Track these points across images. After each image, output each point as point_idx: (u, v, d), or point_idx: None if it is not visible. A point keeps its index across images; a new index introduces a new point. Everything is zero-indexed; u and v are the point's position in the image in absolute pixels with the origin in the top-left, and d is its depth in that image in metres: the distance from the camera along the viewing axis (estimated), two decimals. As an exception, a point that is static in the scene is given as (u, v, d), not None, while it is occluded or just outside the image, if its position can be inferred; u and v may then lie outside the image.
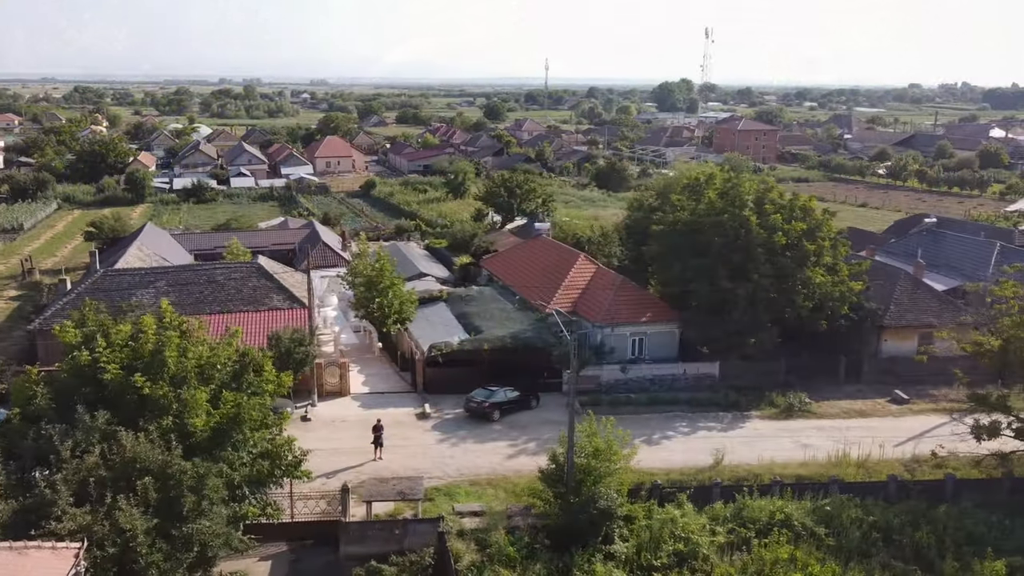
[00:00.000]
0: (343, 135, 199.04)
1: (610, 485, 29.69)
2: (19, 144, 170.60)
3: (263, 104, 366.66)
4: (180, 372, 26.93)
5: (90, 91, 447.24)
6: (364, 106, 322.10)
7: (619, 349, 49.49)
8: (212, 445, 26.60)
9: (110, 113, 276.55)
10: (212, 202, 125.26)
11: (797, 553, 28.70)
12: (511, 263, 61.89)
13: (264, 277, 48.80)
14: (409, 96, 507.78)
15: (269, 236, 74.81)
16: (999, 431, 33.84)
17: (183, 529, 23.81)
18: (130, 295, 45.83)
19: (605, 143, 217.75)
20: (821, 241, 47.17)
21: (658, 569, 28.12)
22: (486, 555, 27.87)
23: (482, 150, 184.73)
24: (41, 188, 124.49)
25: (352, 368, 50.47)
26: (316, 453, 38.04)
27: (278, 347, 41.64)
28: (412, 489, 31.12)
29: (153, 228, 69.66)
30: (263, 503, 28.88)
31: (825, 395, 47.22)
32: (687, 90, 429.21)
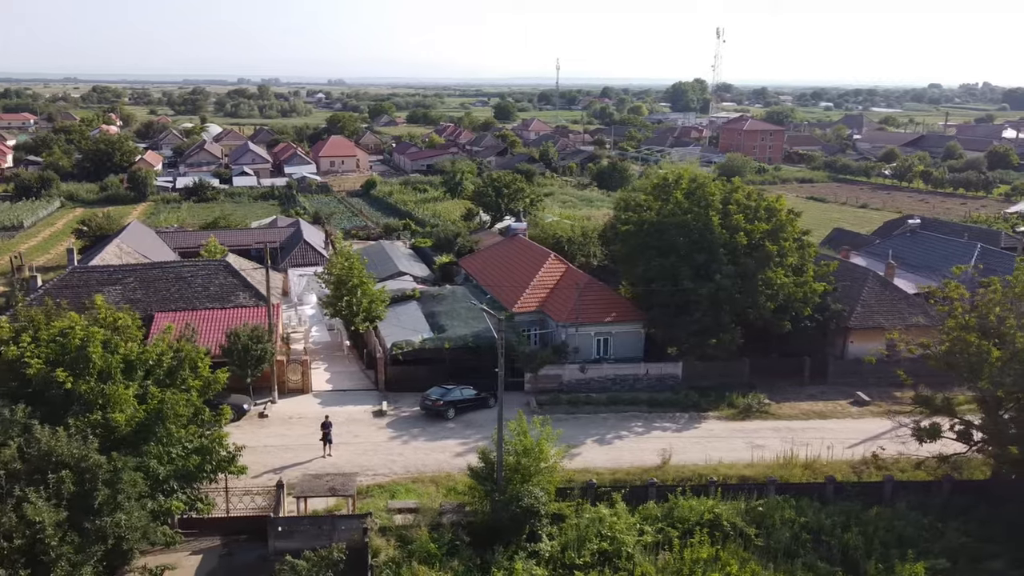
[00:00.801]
0: (349, 135, 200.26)
1: (539, 484, 29.85)
2: (28, 143, 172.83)
3: (276, 104, 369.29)
4: (106, 368, 27.37)
5: (108, 91, 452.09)
6: (375, 106, 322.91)
7: (584, 349, 49.61)
8: (137, 440, 27.03)
9: (124, 112, 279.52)
10: (213, 201, 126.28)
11: (721, 553, 28.73)
12: (486, 263, 62.12)
13: (231, 275, 49.34)
14: (423, 96, 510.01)
15: (254, 235, 75.50)
16: (939, 433, 33.62)
17: (96, 522, 24.24)
18: (97, 292, 46.43)
19: (612, 143, 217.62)
20: (783, 242, 47.00)
21: (580, 567, 28.24)
22: (407, 551, 28.11)
23: (486, 150, 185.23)
24: (45, 186, 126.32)
25: (319, 366, 51.05)
26: (267, 450, 38.88)
27: (236, 344, 42.17)
28: (344, 485, 31.41)
29: (138, 226, 70.57)
30: (194, 498, 29.34)
31: (787, 396, 47.14)
32: (701, 90, 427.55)
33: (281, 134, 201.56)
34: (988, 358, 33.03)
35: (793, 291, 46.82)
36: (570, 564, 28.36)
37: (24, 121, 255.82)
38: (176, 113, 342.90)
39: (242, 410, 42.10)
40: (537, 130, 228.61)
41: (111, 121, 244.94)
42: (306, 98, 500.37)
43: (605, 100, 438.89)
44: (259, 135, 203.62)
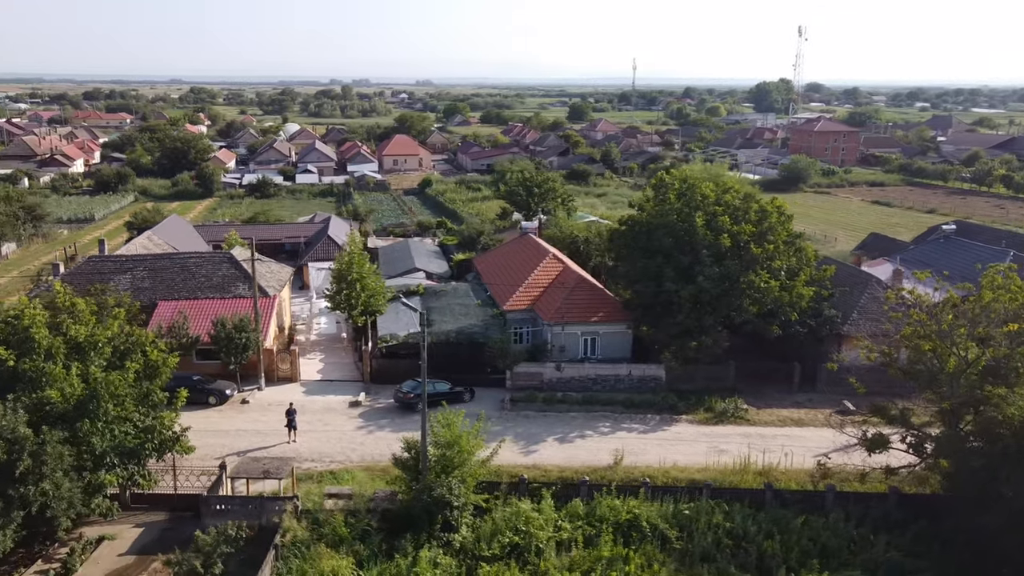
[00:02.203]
0: (417, 134, 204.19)
1: (459, 476, 30.42)
2: (115, 141, 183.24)
3: (358, 104, 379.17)
4: (50, 348, 29.45)
5: (205, 92, 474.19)
6: (449, 106, 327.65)
7: (570, 348, 49.75)
8: (75, 416, 28.95)
9: (212, 112, 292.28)
10: (274, 197, 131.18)
11: (631, 554, 28.68)
12: (494, 261, 62.84)
13: (234, 267, 51.64)
14: (504, 96, 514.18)
15: (285, 230, 78.41)
16: (887, 444, 32.49)
17: (20, 490, 26.22)
18: (108, 279, 49.53)
19: (680, 144, 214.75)
20: (768, 245, 45.96)
21: (488, 559, 28.70)
22: (318, 533, 29.20)
23: (548, 150, 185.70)
24: (122, 182, 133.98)
25: (315, 356, 52.89)
26: (239, 433, 40.75)
27: (221, 332, 44.28)
28: (278, 469, 32.74)
29: (175, 219, 74.38)
30: (134, 474, 31.22)
31: (772, 402, 46.20)
32: (786, 90, 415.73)
33: (352, 133, 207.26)
34: (944, 367, 31.85)
35: (780, 295, 45.73)
36: (479, 555, 28.82)
37: (121, 121, 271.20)
38: (264, 113, 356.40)
39: (225, 395, 44.15)
40: (605, 130, 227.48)
41: (199, 120, 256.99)
42: (390, 98, 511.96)
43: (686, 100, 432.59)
44: (330, 134, 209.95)
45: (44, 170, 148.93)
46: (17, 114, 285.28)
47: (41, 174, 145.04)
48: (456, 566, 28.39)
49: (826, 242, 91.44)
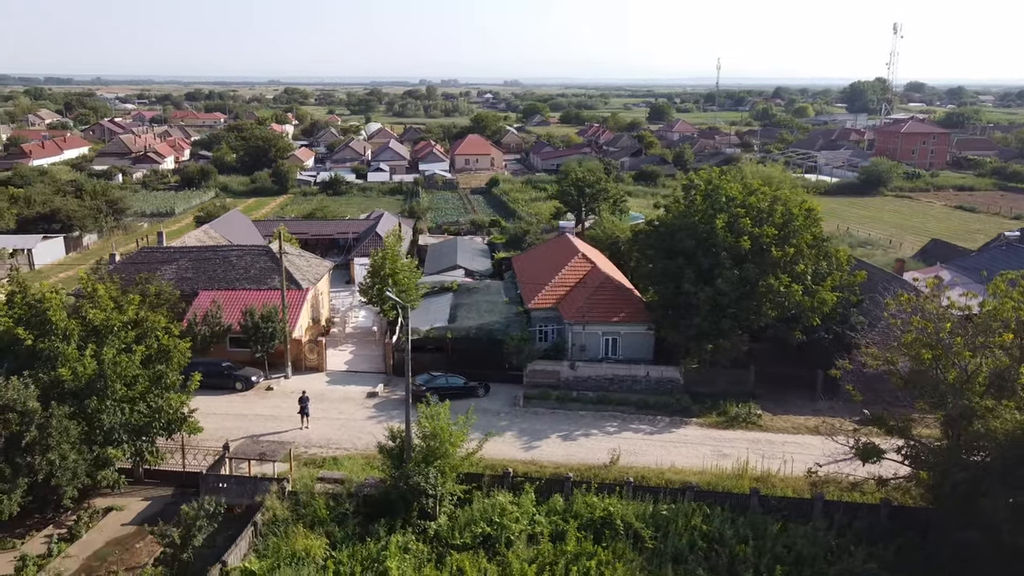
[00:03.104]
0: (491, 134, 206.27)
1: (440, 466, 31.25)
2: (204, 139, 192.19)
3: (441, 104, 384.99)
4: (67, 330, 31.82)
5: (298, 92, 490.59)
6: (529, 106, 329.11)
7: (591, 347, 49.92)
8: (84, 393, 31.19)
9: (300, 112, 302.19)
10: (345, 194, 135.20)
11: (599, 550, 28.92)
12: (529, 259, 63.43)
13: (271, 260, 53.97)
14: (588, 96, 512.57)
15: (338, 226, 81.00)
16: (880, 454, 31.53)
17: (27, 459, 28.54)
18: (156, 269, 52.66)
19: (759, 145, 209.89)
20: (789, 248, 44.94)
21: (458, 548, 29.45)
22: (298, 514, 30.56)
23: (621, 150, 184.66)
24: (205, 178, 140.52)
25: (346, 348, 54.74)
26: (256, 418, 42.80)
27: (248, 322, 46.48)
28: (273, 452, 34.34)
29: (236, 214, 77.94)
30: (143, 450, 33.41)
31: (791, 409, 45.26)
32: (881, 90, 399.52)
33: (428, 132, 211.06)
34: (945, 377, 30.76)
35: (802, 300, 44.71)
36: (451, 543, 29.61)
37: (215, 120, 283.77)
38: (351, 113, 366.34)
39: (250, 382, 46.31)
40: (682, 131, 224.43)
41: (286, 120, 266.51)
42: (474, 99, 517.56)
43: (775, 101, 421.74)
44: (407, 133, 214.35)
45: (137, 166, 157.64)
46: (123, 114, 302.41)
47: (134, 170, 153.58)
48: (428, 552, 29.22)
49: (890, 248, 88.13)
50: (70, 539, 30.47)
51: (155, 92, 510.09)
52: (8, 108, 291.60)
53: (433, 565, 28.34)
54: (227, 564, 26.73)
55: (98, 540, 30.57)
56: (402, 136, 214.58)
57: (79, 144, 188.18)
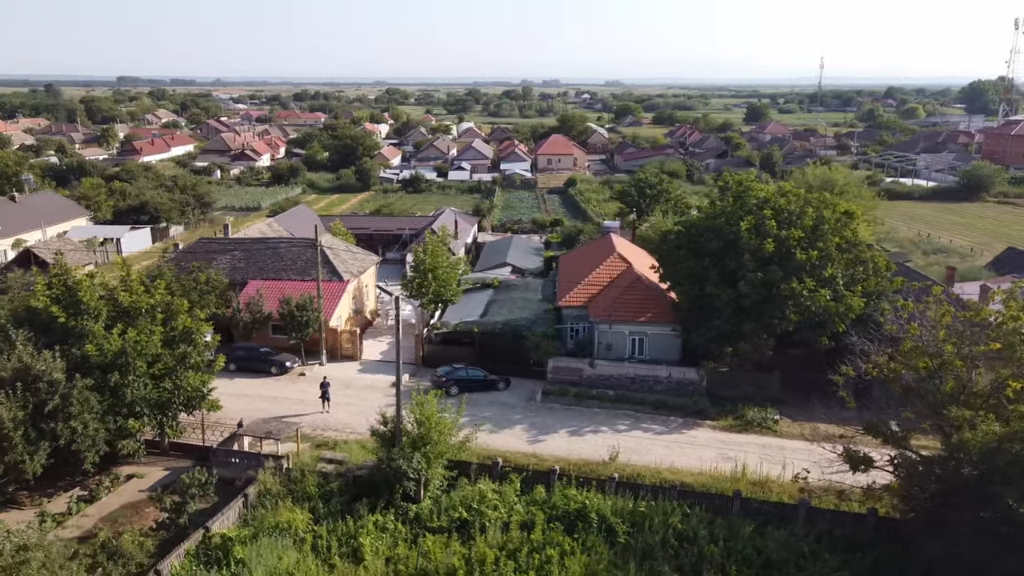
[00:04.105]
0: (577, 134, 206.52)
1: (427, 453, 32.49)
2: (299, 138, 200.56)
3: (536, 104, 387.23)
4: (96, 310, 34.80)
5: (399, 92, 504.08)
6: (621, 106, 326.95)
7: (617, 347, 50.14)
8: (109, 368, 34.02)
9: (395, 112, 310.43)
10: (425, 192, 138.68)
11: (566, 540, 29.50)
12: (573, 259, 63.90)
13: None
14: (688, 97, 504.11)
15: (399, 222, 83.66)
16: (870, 463, 30.75)
17: (50, 425, 31.51)
18: (211, 258, 56.20)
19: (856, 148, 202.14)
20: (812, 252, 43.87)
21: (434, 530, 30.64)
22: (288, 489, 32.43)
23: (706, 152, 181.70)
24: (293, 175, 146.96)
25: (384, 339, 56.81)
26: (283, 400, 45.34)
27: (285, 310, 49.07)
28: (279, 431, 36.44)
29: (303, 208, 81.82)
30: (165, 424, 36.17)
31: (814, 417, 43.98)
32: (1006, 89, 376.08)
33: (515, 132, 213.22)
34: (943, 387, 29.82)
35: (828, 305, 43.64)
36: (428, 526, 30.83)
37: (316, 120, 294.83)
38: (448, 113, 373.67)
39: (284, 367, 48.89)
40: (774, 132, 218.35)
41: (382, 120, 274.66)
42: (572, 99, 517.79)
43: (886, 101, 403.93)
44: (494, 133, 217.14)
45: (235, 163, 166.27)
46: (233, 114, 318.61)
47: (232, 167, 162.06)
48: (406, 532, 30.52)
49: (969, 256, 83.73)
50: (90, 500, 33.37)
51: (267, 93, 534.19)
52: (131, 108, 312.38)
53: (407, 545, 29.57)
54: (210, 529, 28.79)
55: (115, 503, 33.35)
56: (489, 136, 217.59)
57: (186, 142, 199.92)
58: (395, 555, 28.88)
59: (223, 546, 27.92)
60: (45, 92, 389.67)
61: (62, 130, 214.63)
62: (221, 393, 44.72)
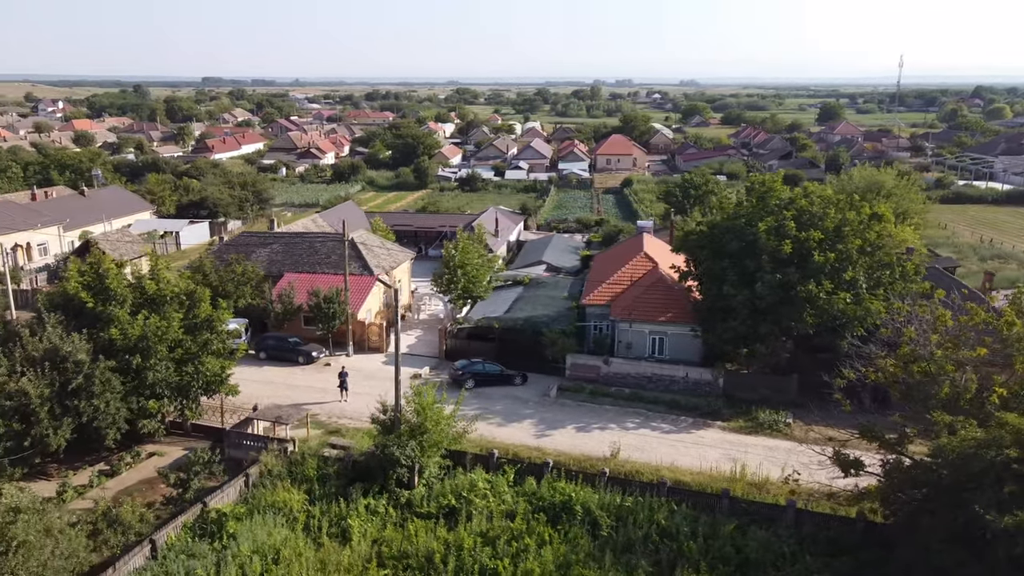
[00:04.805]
0: (640, 135, 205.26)
1: (422, 441, 33.54)
2: (363, 136, 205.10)
3: (604, 104, 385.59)
4: (122, 296, 37.05)
5: (468, 92, 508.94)
6: (689, 106, 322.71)
7: (637, 346, 50.29)
8: (131, 351, 36.18)
9: (462, 112, 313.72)
10: (480, 191, 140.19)
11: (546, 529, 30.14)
12: (605, 258, 64.18)
13: (350, 247, 58.34)
14: (761, 97, 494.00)
15: (443, 219, 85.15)
16: (861, 467, 30.35)
17: (74, 402, 33.78)
18: (251, 251, 58.66)
19: (931, 149, 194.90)
20: (829, 254, 43.16)
21: (422, 516, 31.66)
22: (288, 470, 33.92)
23: (770, 152, 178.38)
24: (354, 173, 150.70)
25: (414, 333, 58.25)
26: (305, 389, 47.20)
27: (312, 302, 50.92)
28: (288, 416, 38.06)
29: (350, 204, 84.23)
30: (185, 406, 38.25)
31: (831, 420, 43.12)
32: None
33: (577, 132, 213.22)
34: (938, 392, 29.31)
35: (847, 308, 42.92)
36: (416, 511, 31.90)
37: (384, 119, 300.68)
38: (516, 112, 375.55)
39: (311, 357, 50.74)
40: (844, 133, 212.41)
41: (448, 119, 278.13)
42: (643, 99, 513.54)
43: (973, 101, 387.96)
44: (556, 133, 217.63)
45: (300, 161, 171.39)
46: (305, 113, 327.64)
47: (297, 164, 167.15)
48: (396, 517, 31.64)
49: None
50: (111, 475, 35.59)
51: (341, 93, 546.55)
52: (210, 108, 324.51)
53: (395, 528, 30.66)
54: (207, 505, 30.47)
55: (133, 478, 35.49)
56: (551, 135, 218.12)
57: (256, 140, 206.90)
58: (382, 537, 29.98)
59: (218, 521, 29.54)
60: (133, 92, 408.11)
61: (142, 128, 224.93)
62: (250, 380, 47.11)
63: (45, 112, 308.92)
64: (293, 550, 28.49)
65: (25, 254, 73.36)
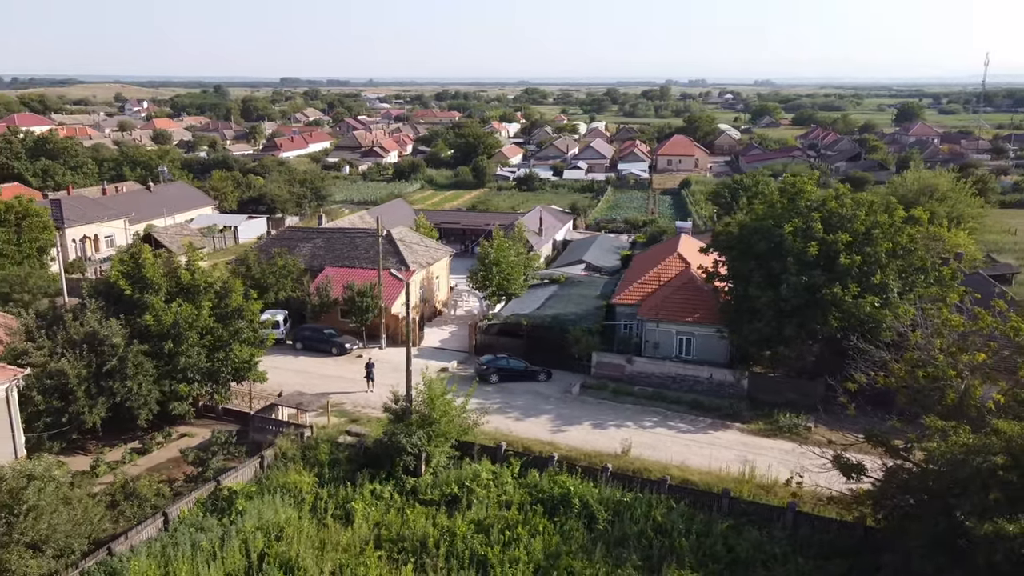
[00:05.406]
0: (703, 135, 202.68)
1: (430, 431, 34.56)
2: (426, 136, 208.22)
3: (673, 104, 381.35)
4: (157, 285, 39.22)
5: (537, 92, 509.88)
6: (759, 107, 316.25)
7: (664, 346, 50.33)
8: (164, 336, 38.30)
9: (528, 111, 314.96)
10: (538, 190, 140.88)
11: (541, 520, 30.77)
12: (642, 258, 64.21)
13: (389, 243, 59.95)
14: (839, 98, 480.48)
15: (489, 217, 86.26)
16: (863, 471, 29.93)
17: (108, 383, 36.01)
18: (295, 246, 60.87)
19: (1015, 152, 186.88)
20: (856, 257, 42.39)
21: (425, 502, 32.68)
22: (302, 454, 35.38)
23: (838, 154, 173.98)
24: (414, 171, 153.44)
25: (448, 328, 59.45)
26: (336, 379, 48.95)
27: (346, 295, 52.62)
28: (309, 403, 39.62)
29: (399, 202, 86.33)
30: (214, 391, 40.24)
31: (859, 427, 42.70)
32: None
33: (640, 133, 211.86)
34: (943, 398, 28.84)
35: (873, 312, 42.13)
36: (420, 498, 32.94)
37: (451, 119, 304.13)
38: (583, 112, 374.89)
39: (344, 348, 52.43)
40: (920, 134, 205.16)
41: (514, 119, 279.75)
42: (714, 99, 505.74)
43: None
44: (619, 133, 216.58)
45: (364, 159, 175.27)
46: (375, 112, 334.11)
47: (361, 163, 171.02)
48: (400, 502, 32.73)
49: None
50: (143, 453, 37.76)
51: (412, 93, 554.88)
52: (284, 107, 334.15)
53: (397, 514, 31.75)
54: (221, 483, 32.14)
55: (162, 457, 37.59)
56: (613, 136, 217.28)
57: (323, 139, 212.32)
58: (383, 521, 31.07)
59: (228, 498, 31.13)
60: (214, 92, 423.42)
61: (217, 127, 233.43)
62: (284, 368, 49.13)
63: (130, 112, 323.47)
64: (296, 528, 29.82)
65: (93, 245, 77.57)
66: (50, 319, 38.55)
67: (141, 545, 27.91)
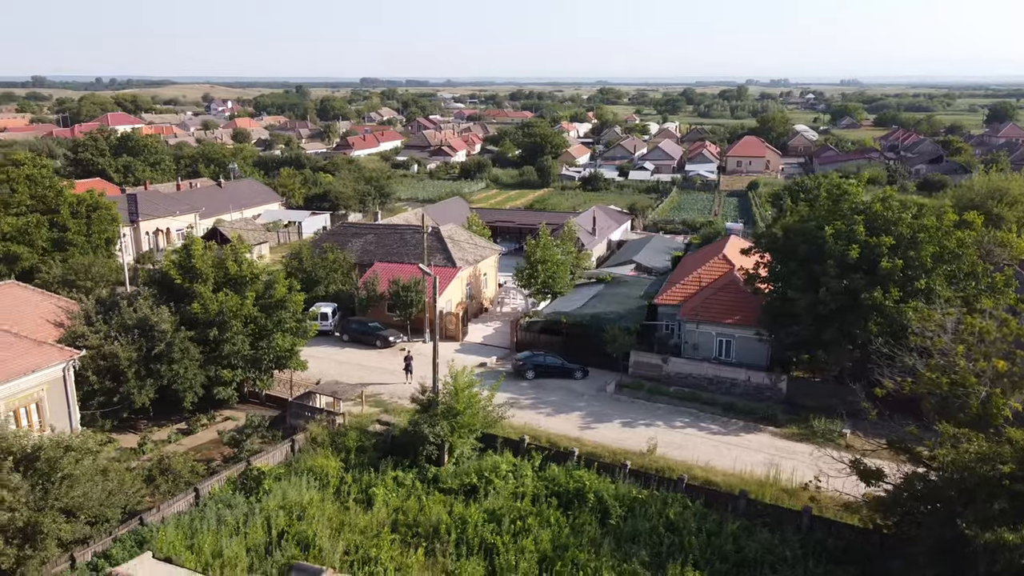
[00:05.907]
0: (777, 136, 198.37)
1: (454, 423, 35.49)
2: (494, 135, 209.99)
3: (750, 105, 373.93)
4: (205, 275, 41.32)
5: (612, 92, 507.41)
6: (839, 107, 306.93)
7: (704, 347, 50.05)
8: (210, 324, 40.34)
9: (600, 111, 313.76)
10: (602, 190, 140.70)
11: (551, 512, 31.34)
12: (690, 259, 63.78)
13: (437, 240, 61.22)
14: (929, 98, 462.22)
15: (543, 216, 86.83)
16: (881, 477, 29.43)
17: (156, 366, 38.22)
18: (347, 241, 62.81)
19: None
20: (897, 261, 41.33)
21: (444, 491, 33.62)
22: (331, 440, 36.76)
23: (918, 156, 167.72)
24: (480, 170, 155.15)
25: (492, 324, 60.38)
26: (376, 370, 50.47)
27: (391, 290, 54.09)
28: (344, 393, 41.05)
29: (456, 200, 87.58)
30: (256, 378, 42.14)
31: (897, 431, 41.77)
32: None
33: (710, 133, 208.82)
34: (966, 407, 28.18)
35: (915, 317, 40.98)
36: (440, 487, 33.91)
37: (523, 119, 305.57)
38: (656, 112, 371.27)
39: (388, 341, 53.93)
40: (1010, 136, 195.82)
41: (585, 119, 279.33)
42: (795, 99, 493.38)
43: None
44: (689, 134, 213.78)
45: (432, 158, 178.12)
46: (448, 112, 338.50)
47: (429, 161, 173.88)
48: (421, 490, 33.75)
49: None
50: (188, 433, 39.90)
51: (487, 92, 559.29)
52: (360, 107, 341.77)
53: (415, 500, 32.79)
54: (251, 464, 33.78)
55: (205, 438, 39.63)
56: (684, 136, 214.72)
57: (394, 138, 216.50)
58: (402, 507, 32.15)
59: (257, 478, 32.73)
60: (295, 93, 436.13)
61: (294, 126, 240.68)
62: (328, 358, 50.89)
63: (215, 111, 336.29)
64: (319, 509, 31.16)
65: (165, 238, 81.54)
66: (108, 305, 41.07)
67: (171, 517, 29.70)
